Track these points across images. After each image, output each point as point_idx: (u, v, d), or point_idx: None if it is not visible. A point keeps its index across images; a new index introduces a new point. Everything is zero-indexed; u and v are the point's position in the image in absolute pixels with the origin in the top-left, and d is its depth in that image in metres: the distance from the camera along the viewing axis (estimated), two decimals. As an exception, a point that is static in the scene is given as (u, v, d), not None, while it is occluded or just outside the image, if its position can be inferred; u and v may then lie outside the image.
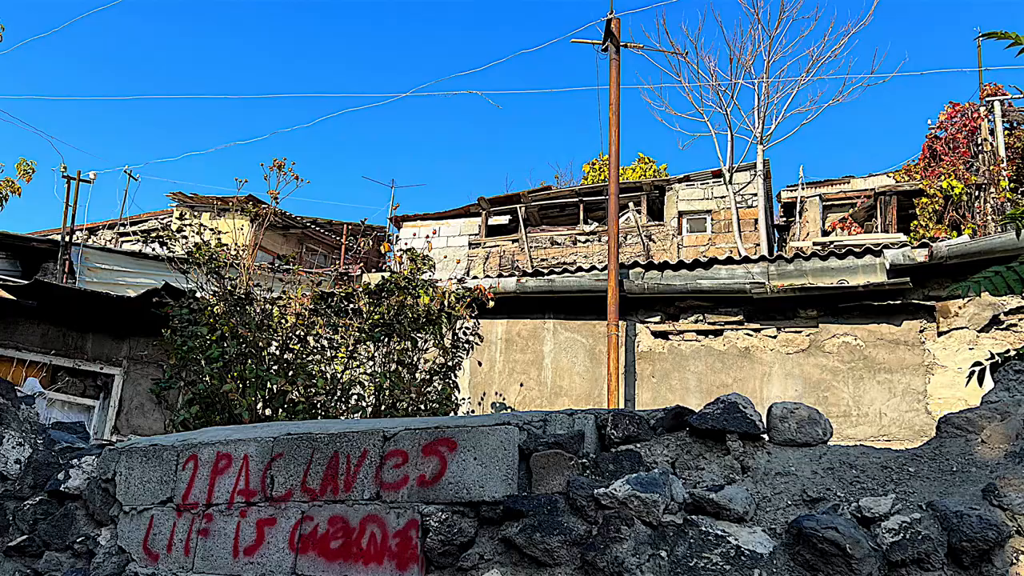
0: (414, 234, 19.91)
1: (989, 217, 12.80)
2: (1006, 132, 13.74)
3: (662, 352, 7.87)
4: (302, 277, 7.56)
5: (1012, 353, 2.67)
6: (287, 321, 6.21)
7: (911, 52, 50.42)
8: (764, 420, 2.70)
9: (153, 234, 7.24)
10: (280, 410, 5.97)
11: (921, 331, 7.01)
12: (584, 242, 18.89)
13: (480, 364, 8.21)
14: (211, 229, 6.96)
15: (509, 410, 7.96)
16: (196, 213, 19.22)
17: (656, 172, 24.36)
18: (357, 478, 3.00)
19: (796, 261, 7.40)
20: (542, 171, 63.04)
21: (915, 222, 14.70)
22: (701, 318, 7.76)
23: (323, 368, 6.28)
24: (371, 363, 6.49)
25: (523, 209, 19.49)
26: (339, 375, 6.29)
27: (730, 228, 17.44)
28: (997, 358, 2.75)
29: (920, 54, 50.70)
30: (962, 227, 13.25)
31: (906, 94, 56.12)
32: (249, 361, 5.95)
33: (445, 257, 18.34)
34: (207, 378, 5.89)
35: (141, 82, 65.94)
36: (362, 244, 21.16)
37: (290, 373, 6.07)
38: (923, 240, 7.56)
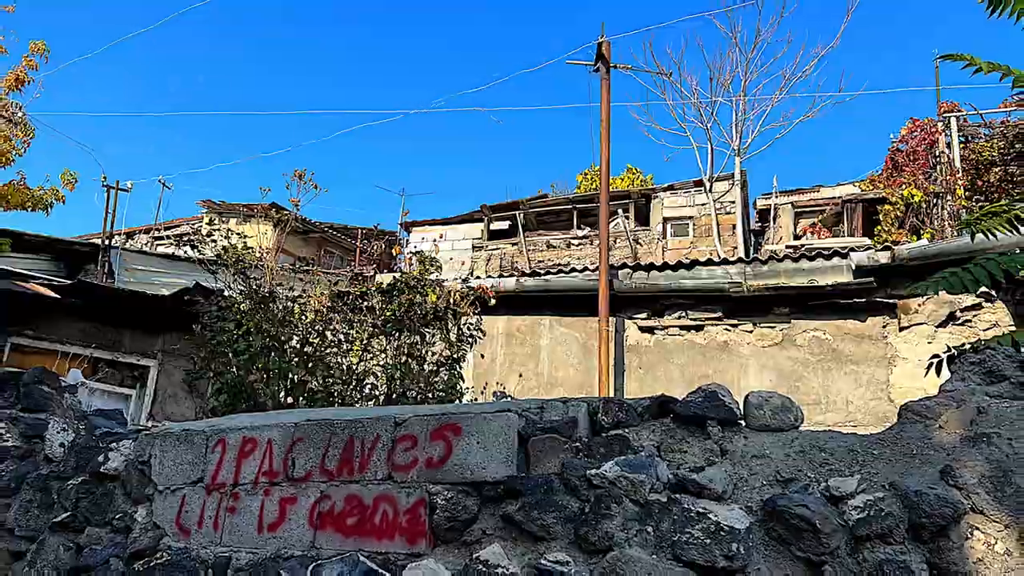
0: (423, 238, 19.90)
1: (946, 223, 12.78)
2: (961, 145, 13.71)
3: (648, 346, 7.87)
4: (320, 277, 7.56)
5: (967, 346, 2.67)
6: (307, 317, 6.21)
7: (875, 72, 50.31)
8: (741, 407, 2.70)
9: (185, 238, 7.26)
10: (300, 398, 5.97)
11: (884, 326, 7.01)
12: (577, 245, 18.89)
13: (482, 357, 8.20)
14: (238, 234, 6.96)
15: (509, 399, 7.95)
16: (224, 219, 19.18)
17: (643, 182, 24.33)
18: (371, 460, 3.00)
19: (770, 263, 7.40)
20: (539, 180, 62.99)
21: (879, 227, 14.68)
22: (684, 315, 7.76)
23: (340, 360, 6.28)
24: (383, 355, 6.49)
25: (522, 215, 19.49)
26: (354, 366, 6.29)
27: (710, 233, 17.44)
28: (953, 351, 2.74)
29: (883, 74, 50.60)
30: (921, 232, 13.22)
31: (870, 110, 56.13)
32: (272, 354, 5.95)
33: (451, 259, 18.33)
34: (234, 369, 5.89)
35: (175, 98, 65.91)
36: (375, 247, 21.21)
37: (310, 365, 6.07)
38: (886, 244, 7.55)
